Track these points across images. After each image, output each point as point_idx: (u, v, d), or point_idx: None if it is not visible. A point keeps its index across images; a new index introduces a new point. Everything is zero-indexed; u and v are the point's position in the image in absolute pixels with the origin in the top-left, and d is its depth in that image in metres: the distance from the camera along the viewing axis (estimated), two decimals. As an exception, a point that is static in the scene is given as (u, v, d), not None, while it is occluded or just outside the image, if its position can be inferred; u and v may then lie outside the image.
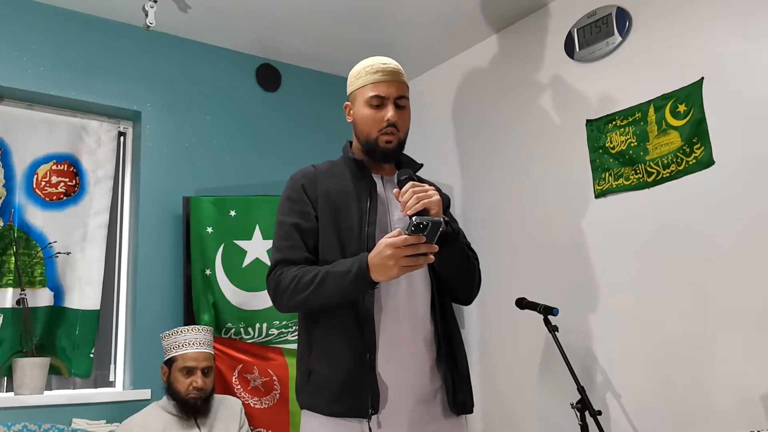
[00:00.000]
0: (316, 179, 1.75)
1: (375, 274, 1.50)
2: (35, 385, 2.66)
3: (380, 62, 1.75)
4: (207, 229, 3.04)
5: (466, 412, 1.69)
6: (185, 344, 2.59)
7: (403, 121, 1.73)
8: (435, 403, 1.65)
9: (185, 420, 2.53)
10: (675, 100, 2.58)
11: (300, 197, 1.72)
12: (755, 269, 2.29)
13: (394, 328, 1.62)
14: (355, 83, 1.77)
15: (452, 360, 1.68)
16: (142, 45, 3.20)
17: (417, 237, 1.44)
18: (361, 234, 1.65)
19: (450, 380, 1.65)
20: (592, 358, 2.77)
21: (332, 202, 1.70)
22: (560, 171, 3.00)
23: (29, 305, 2.81)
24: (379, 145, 1.71)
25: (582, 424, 2.31)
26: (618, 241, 2.73)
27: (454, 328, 1.74)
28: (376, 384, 1.57)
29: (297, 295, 1.59)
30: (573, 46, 3.00)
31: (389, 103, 1.71)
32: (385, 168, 1.80)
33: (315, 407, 1.61)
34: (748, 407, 2.24)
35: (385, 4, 3.12)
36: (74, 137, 3.09)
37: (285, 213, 1.73)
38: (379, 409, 1.56)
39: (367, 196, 1.70)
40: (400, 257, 1.45)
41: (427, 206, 1.50)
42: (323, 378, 1.60)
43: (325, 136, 3.67)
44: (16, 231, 2.85)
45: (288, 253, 1.66)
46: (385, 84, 1.71)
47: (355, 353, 1.58)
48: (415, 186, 1.54)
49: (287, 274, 1.62)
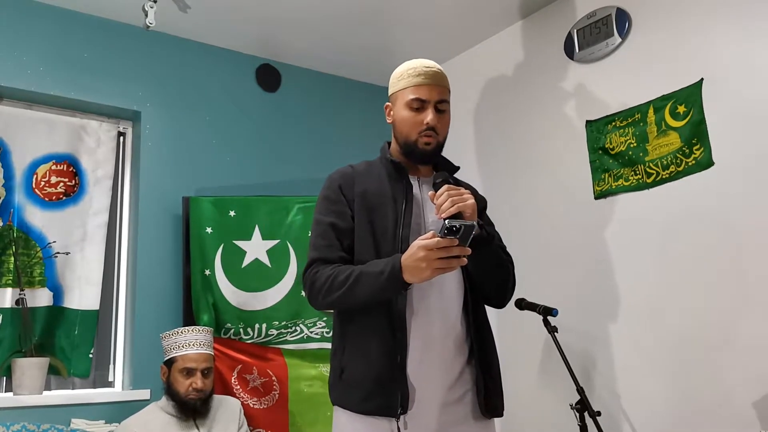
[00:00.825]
0: (354, 179, 1.77)
1: (408, 275, 1.51)
2: (34, 385, 2.66)
3: (423, 65, 1.75)
4: (206, 230, 3.04)
5: (496, 416, 1.71)
6: (185, 345, 2.59)
7: (442, 125, 1.75)
8: (465, 404, 1.67)
9: (184, 421, 2.53)
10: (674, 101, 2.58)
11: (337, 197, 1.74)
12: (755, 270, 2.30)
13: (426, 329, 1.65)
14: (397, 84, 1.78)
15: (485, 363, 1.70)
16: (141, 45, 3.20)
17: (450, 240, 1.45)
18: (396, 236, 1.67)
19: (482, 383, 1.67)
20: (591, 359, 2.77)
21: (368, 203, 1.72)
22: (560, 172, 3.01)
23: (28, 305, 2.81)
24: (417, 146, 1.73)
25: (581, 424, 2.31)
26: (617, 241, 2.74)
27: (486, 331, 1.76)
28: (406, 384, 1.59)
29: (331, 294, 1.63)
30: (573, 47, 3.00)
31: (429, 107, 1.72)
32: (422, 170, 1.81)
33: (346, 404, 1.64)
34: (749, 409, 2.25)
35: (385, 4, 3.13)
36: (74, 137, 3.09)
37: (322, 212, 1.75)
38: (408, 408, 1.58)
39: (403, 198, 1.71)
40: (433, 259, 1.46)
41: (461, 209, 1.53)
42: (354, 376, 1.63)
43: (325, 136, 3.67)
44: (15, 231, 2.85)
45: (324, 252, 1.69)
46: (426, 87, 1.72)
47: (386, 353, 1.61)
48: (450, 189, 1.56)
49: (323, 273, 1.65)
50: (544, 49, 3.15)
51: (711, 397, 2.36)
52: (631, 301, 2.66)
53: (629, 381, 2.63)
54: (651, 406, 2.54)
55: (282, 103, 3.61)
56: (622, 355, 2.67)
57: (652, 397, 2.54)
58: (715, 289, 2.40)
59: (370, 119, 3.75)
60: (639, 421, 2.57)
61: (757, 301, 2.28)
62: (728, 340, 2.34)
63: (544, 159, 3.09)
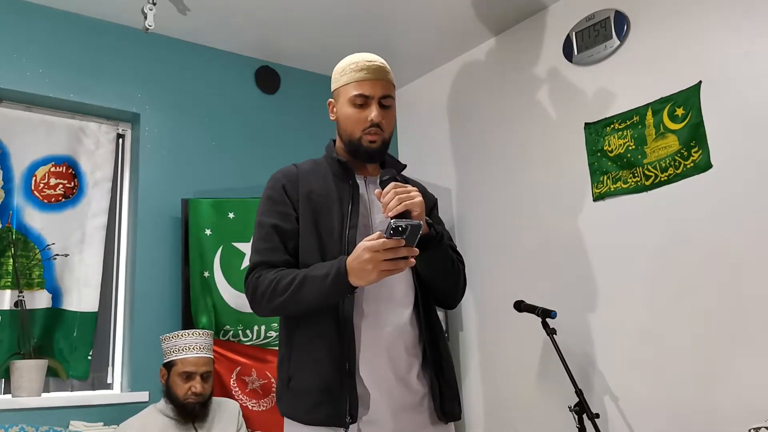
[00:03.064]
0: (298, 179, 1.70)
1: (354, 278, 1.46)
2: (33, 387, 2.65)
3: (365, 59, 1.69)
4: (205, 231, 3.04)
5: (453, 419, 1.66)
6: (185, 348, 2.59)
7: (387, 121, 1.68)
8: (422, 410, 1.61)
9: (183, 423, 2.53)
10: (673, 104, 2.58)
11: (281, 198, 1.68)
12: (754, 272, 2.30)
13: (375, 333, 1.58)
14: (339, 80, 1.71)
15: (438, 366, 1.64)
16: (140, 47, 3.20)
17: (396, 240, 1.40)
18: (342, 237, 1.61)
19: (437, 387, 1.61)
20: (590, 360, 2.77)
21: (313, 204, 1.66)
22: (558, 174, 3.01)
23: (27, 307, 2.81)
24: (362, 144, 1.66)
25: (580, 427, 2.32)
26: (616, 244, 2.74)
27: (439, 334, 1.69)
28: (356, 391, 1.53)
29: (275, 299, 1.56)
30: (571, 50, 3.01)
31: (373, 103, 1.65)
32: (369, 169, 1.75)
33: (294, 415, 1.57)
34: (750, 410, 2.25)
35: (384, 6, 3.13)
36: (73, 139, 3.09)
37: (265, 213, 1.68)
38: (357, 417, 1.52)
39: (349, 198, 1.66)
40: (379, 261, 1.41)
41: (409, 207, 1.46)
42: (302, 385, 1.56)
43: (323, 138, 3.60)
44: (14, 233, 2.85)
45: (267, 256, 1.62)
46: (369, 83, 1.66)
47: (334, 360, 1.54)
48: (397, 187, 1.50)
49: (265, 277, 1.58)
50: (543, 51, 3.16)
51: (710, 399, 2.37)
52: (630, 303, 2.66)
53: (628, 383, 2.63)
54: (649, 409, 2.54)
55: (281, 105, 3.61)
56: (620, 357, 2.67)
57: (651, 399, 2.54)
58: (713, 290, 2.40)
59: (369, 121, 3.75)
60: (637, 424, 2.57)
61: (756, 302, 2.28)
62: (728, 341, 2.34)
63: (543, 161, 3.09)
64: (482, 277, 3.29)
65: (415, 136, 3.85)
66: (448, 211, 3.50)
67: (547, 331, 2.48)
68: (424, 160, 3.69)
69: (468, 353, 3.36)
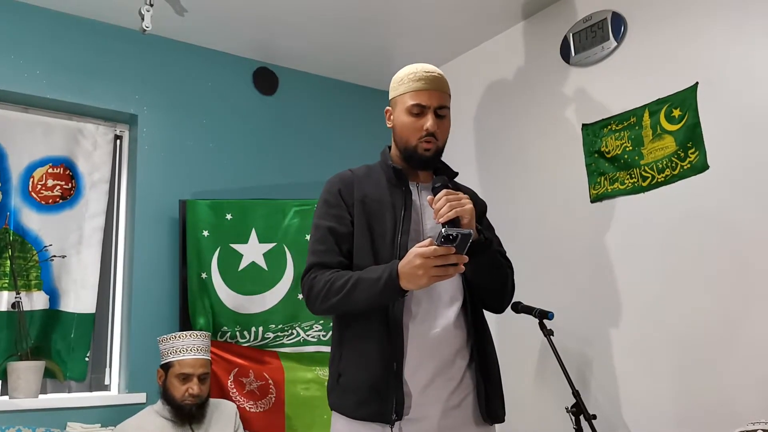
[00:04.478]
0: (353, 184, 1.77)
1: (404, 282, 1.51)
2: (30, 388, 2.65)
3: (423, 70, 1.76)
4: (203, 233, 3.04)
5: (498, 421, 1.70)
6: (183, 350, 2.59)
7: (442, 131, 1.76)
8: (465, 409, 1.66)
9: (180, 425, 2.53)
10: (670, 105, 2.59)
11: (337, 201, 1.74)
12: (751, 273, 2.30)
13: (424, 334, 1.64)
14: (397, 89, 1.78)
15: (484, 368, 1.69)
16: (138, 48, 3.20)
17: (446, 248, 1.45)
18: (394, 242, 1.67)
19: (482, 388, 1.66)
20: (587, 362, 2.77)
21: (368, 209, 1.72)
22: (556, 175, 3.01)
23: (24, 308, 2.81)
24: (417, 152, 1.73)
25: (577, 428, 2.32)
26: (613, 245, 2.74)
27: (486, 336, 1.75)
28: (402, 391, 1.59)
29: (329, 300, 1.62)
30: (569, 51, 3.01)
31: (429, 112, 1.72)
32: (421, 176, 1.81)
33: (342, 409, 1.65)
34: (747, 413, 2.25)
35: (382, 7, 3.13)
36: (70, 140, 3.09)
37: (321, 216, 1.75)
38: (402, 415, 1.58)
39: (401, 205, 1.71)
40: (430, 267, 1.46)
41: (459, 214, 1.52)
42: (350, 382, 1.63)
43: (322, 139, 3.67)
44: (11, 234, 2.85)
45: (322, 257, 1.69)
46: (426, 93, 1.72)
47: (382, 359, 1.60)
48: (449, 194, 1.56)
49: (320, 278, 1.65)
50: (540, 52, 3.16)
51: (708, 401, 2.37)
52: (627, 304, 2.67)
53: (625, 384, 2.63)
54: (647, 410, 2.54)
55: (279, 106, 3.61)
56: (618, 359, 2.67)
57: (648, 400, 2.54)
58: (711, 292, 2.40)
59: (367, 122, 3.76)
60: (635, 425, 2.58)
61: (754, 303, 2.29)
62: (725, 342, 2.35)
63: (541, 162, 3.09)
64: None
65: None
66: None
67: (544, 332, 2.48)
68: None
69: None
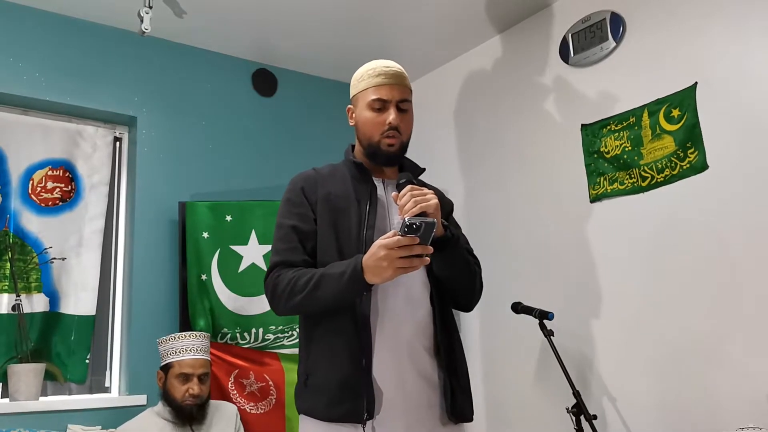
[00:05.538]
0: (317, 182, 1.76)
1: (369, 275, 1.49)
2: (30, 391, 2.65)
3: (383, 65, 1.75)
4: (203, 234, 3.04)
5: (465, 421, 1.68)
6: (182, 350, 2.59)
7: (405, 125, 1.74)
8: (433, 409, 1.63)
9: (180, 426, 2.53)
10: (669, 105, 2.59)
11: (299, 200, 1.73)
12: (750, 272, 2.30)
13: (391, 332, 1.61)
14: (357, 86, 1.77)
15: (452, 366, 1.67)
16: (137, 50, 3.20)
17: (411, 238, 1.43)
18: (360, 237, 1.64)
19: (449, 387, 1.63)
20: (587, 362, 2.77)
21: (332, 206, 1.70)
22: (555, 175, 3.01)
23: (24, 311, 2.81)
24: (381, 148, 1.71)
25: (577, 428, 2.32)
26: (613, 245, 2.74)
27: (454, 334, 1.73)
28: (372, 389, 1.56)
29: (293, 298, 1.59)
30: (568, 51, 3.01)
31: (391, 107, 1.71)
32: (387, 172, 1.80)
33: (311, 411, 1.61)
34: (748, 411, 2.25)
35: (382, 8, 3.13)
36: (70, 143, 3.09)
37: (284, 215, 1.73)
38: (374, 414, 1.55)
39: (367, 200, 1.70)
40: (394, 258, 1.44)
41: (424, 210, 1.50)
42: (319, 382, 1.60)
43: (321, 140, 3.67)
44: (11, 237, 2.85)
45: (286, 256, 1.67)
46: (387, 87, 1.71)
47: (351, 357, 1.57)
48: (413, 189, 1.54)
49: (284, 277, 1.62)
50: (539, 53, 3.16)
51: (708, 400, 2.37)
52: (627, 304, 2.67)
53: (625, 384, 2.63)
54: (647, 410, 2.54)
55: (278, 107, 3.61)
56: (618, 359, 2.67)
57: (648, 400, 2.54)
58: (710, 291, 2.40)
59: (366, 123, 3.75)
60: (635, 425, 2.57)
61: (752, 302, 2.29)
62: (724, 343, 2.34)
63: (540, 163, 3.09)
64: (480, 279, 3.29)
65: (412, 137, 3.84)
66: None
67: (544, 332, 2.48)
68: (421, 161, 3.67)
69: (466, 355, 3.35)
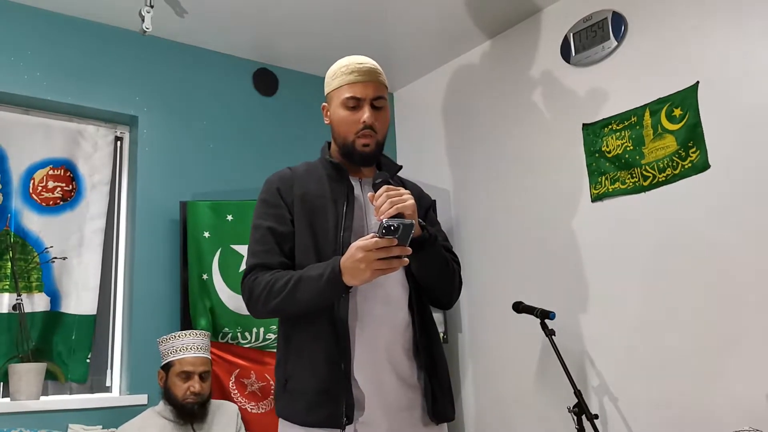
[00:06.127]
0: (293, 182, 1.72)
1: (347, 277, 1.47)
2: (31, 390, 2.65)
3: (356, 62, 1.69)
4: (204, 234, 3.04)
5: (446, 420, 1.67)
6: (183, 349, 2.59)
7: (380, 123, 1.68)
8: (415, 411, 1.62)
9: (182, 425, 2.53)
10: (670, 104, 2.59)
11: (275, 201, 1.69)
12: (752, 272, 2.30)
13: (370, 335, 1.59)
14: (331, 84, 1.72)
15: (432, 367, 1.65)
16: (138, 50, 3.20)
17: (389, 240, 1.41)
18: (337, 239, 1.61)
19: (429, 388, 1.62)
20: (588, 361, 2.77)
21: (308, 206, 1.67)
22: (557, 175, 3.01)
23: (25, 310, 2.81)
24: (356, 148, 1.67)
25: (579, 428, 2.32)
26: (614, 244, 2.74)
27: (433, 335, 1.70)
28: (351, 393, 1.54)
29: (270, 301, 1.57)
30: (569, 51, 3.01)
31: (365, 105, 1.66)
32: (364, 171, 1.75)
33: (290, 416, 1.58)
34: (748, 411, 2.25)
35: (382, 8, 3.13)
36: (71, 142, 3.09)
37: (260, 216, 1.70)
38: (354, 418, 1.53)
39: (344, 200, 1.66)
40: (372, 260, 1.42)
41: (401, 210, 1.47)
42: (298, 386, 1.57)
43: (321, 140, 3.60)
44: (12, 236, 2.85)
45: (263, 258, 1.63)
46: (361, 85, 1.66)
47: (330, 361, 1.55)
48: (389, 190, 1.51)
49: (261, 279, 1.59)
50: (541, 52, 3.16)
51: (709, 400, 2.37)
52: (629, 304, 2.66)
53: (627, 384, 2.63)
54: (648, 409, 2.54)
55: (279, 107, 3.61)
56: (619, 358, 2.67)
57: (649, 400, 2.54)
58: (712, 290, 2.40)
59: (367, 123, 3.75)
60: (636, 424, 2.57)
61: (753, 303, 2.28)
62: (726, 340, 2.34)
63: (541, 162, 3.09)
64: (481, 279, 3.29)
65: (412, 138, 3.85)
66: (446, 212, 3.50)
67: (545, 332, 2.48)
68: (421, 162, 3.69)
69: (467, 355, 3.36)
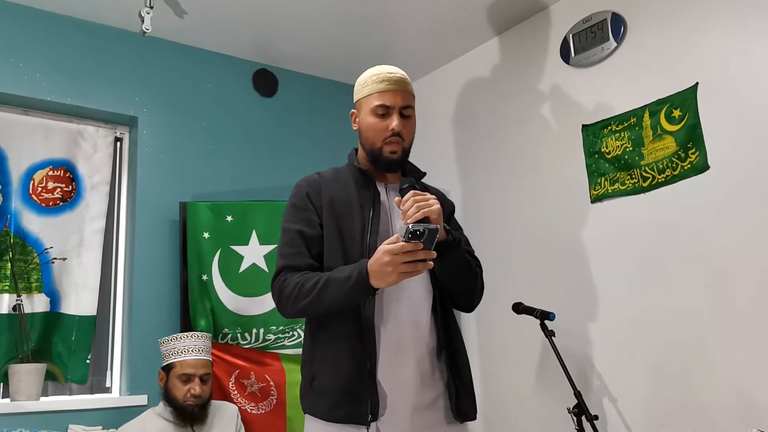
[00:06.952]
0: (321, 187, 1.78)
1: (374, 280, 1.52)
2: (31, 391, 2.65)
3: (386, 71, 1.77)
4: (204, 235, 3.04)
5: (468, 420, 1.71)
6: (184, 351, 2.59)
7: (407, 131, 1.77)
8: (437, 409, 1.67)
9: (182, 426, 2.53)
10: (670, 105, 2.59)
11: (305, 205, 1.75)
12: (751, 272, 2.30)
13: (395, 335, 1.66)
14: (361, 91, 1.79)
15: (455, 367, 1.71)
16: (138, 50, 3.20)
17: (414, 244, 1.46)
18: (363, 242, 1.67)
19: (453, 387, 1.68)
20: (588, 362, 2.78)
21: (336, 211, 1.73)
22: (556, 176, 3.01)
23: (25, 311, 2.81)
24: (383, 154, 1.74)
25: (579, 428, 2.32)
26: (614, 245, 2.74)
27: (456, 335, 1.76)
28: (376, 391, 1.60)
29: (300, 301, 1.63)
30: (568, 52, 3.01)
31: (394, 113, 1.74)
32: (390, 177, 1.83)
33: (316, 412, 1.65)
34: (746, 411, 2.25)
35: (383, 9, 3.13)
36: (71, 143, 3.09)
37: (290, 220, 1.76)
38: (378, 416, 1.58)
39: (370, 205, 1.73)
40: (398, 264, 1.47)
41: (427, 215, 1.53)
42: (324, 384, 1.63)
43: (322, 141, 3.67)
44: (12, 237, 2.85)
45: (292, 260, 1.70)
46: (390, 93, 1.74)
47: (355, 360, 1.61)
48: (416, 194, 1.57)
49: (291, 281, 1.66)
50: (540, 53, 3.16)
51: (709, 401, 2.37)
52: (628, 304, 2.66)
53: (626, 385, 2.63)
54: (648, 410, 2.54)
55: (279, 108, 3.61)
56: (619, 359, 2.67)
57: (649, 401, 2.54)
58: (712, 291, 2.40)
59: (366, 124, 3.76)
60: (636, 425, 2.57)
61: (754, 303, 2.29)
62: (729, 342, 2.35)
63: (541, 163, 3.09)
64: (481, 279, 3.29)
65: (413, 139, 3.84)
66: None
67: (545, 333, 2.48)
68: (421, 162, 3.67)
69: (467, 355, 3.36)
